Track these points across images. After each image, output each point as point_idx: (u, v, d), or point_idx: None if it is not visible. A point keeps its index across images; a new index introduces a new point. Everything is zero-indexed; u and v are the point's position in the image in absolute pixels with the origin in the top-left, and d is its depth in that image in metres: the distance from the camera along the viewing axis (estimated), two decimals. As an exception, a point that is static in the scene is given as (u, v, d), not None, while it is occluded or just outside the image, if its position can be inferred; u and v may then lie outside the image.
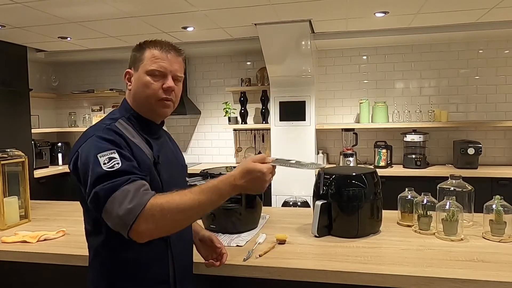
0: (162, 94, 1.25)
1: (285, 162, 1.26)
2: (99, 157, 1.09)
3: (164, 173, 1.25)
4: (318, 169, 1.39)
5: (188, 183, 1.49)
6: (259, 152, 4.72)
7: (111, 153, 1.10)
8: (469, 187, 1.89)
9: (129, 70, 1.30)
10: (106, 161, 1.08)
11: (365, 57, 4.45)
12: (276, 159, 1.24)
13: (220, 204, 1.14)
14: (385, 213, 1.85)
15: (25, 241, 1.75)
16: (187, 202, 1.08)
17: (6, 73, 4.16)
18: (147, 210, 1.04)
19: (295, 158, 1.32)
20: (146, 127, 1.30)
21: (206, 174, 1.84)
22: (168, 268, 1.25)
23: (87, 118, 5.16)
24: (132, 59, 1.29)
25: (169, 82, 1.25)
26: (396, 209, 1.97)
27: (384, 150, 4.07)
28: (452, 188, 1.88)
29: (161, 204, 1.06)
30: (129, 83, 1.29)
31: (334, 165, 4.31)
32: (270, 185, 1.20)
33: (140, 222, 1.03)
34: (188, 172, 1.56)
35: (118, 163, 1.09)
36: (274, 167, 1.20)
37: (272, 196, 4.19)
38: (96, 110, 5.23)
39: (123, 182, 1.06)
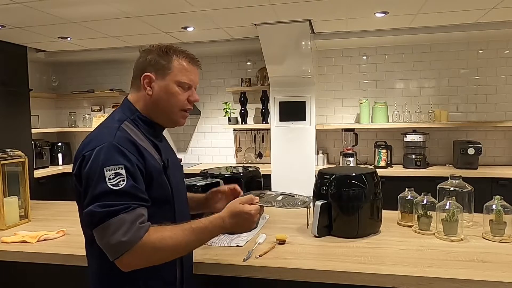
0: (186, 105, 1.29)
1: (273, 201, 1.31)
2: (105, 171, 1.08)
3: (173, 177, 1.27)
4: (305, 207, 1.42)
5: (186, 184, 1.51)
6: (259, 153, 4.73)
7: (118, 168, 1.09)
8: (469, 187, 1.89)
9: (150, 74, 1.25)
10: (111, 176, 1.08)
11: (365, 57, 4.45)
12: (263, 195, 1.30)
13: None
14: (385, 213, 1.85)
15: (25, 241, 1.75)
16: (178, 242, 1.12)
17: (6, 73, 4.16)
18: (138, 247, 1.06)
19: (285, 192, 1.41)
20: (152, 131, 1.30)
21: (206, 174, 1.84)
22: (176, 269, 1.26)
23: (87, 118, 5.16)
24: (153, 63, 1.26)
25: (196, 95, 1.30)
26: (396, 209, 1.97)
27: (384, 150, 4.07)
28: (452, 188, 1.89)
29: (153, 242, 1.08)
30: (148, 88, 1.26)
31: (334, 165, 4.31)
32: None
33: (129, 256, 1.06)
34: (188, 172, 1.57)
35: (123, 181, 1.08)
36: (262, 207, 1.26)
37: (272, 196, 4.18)
38: (96, 110, 5.23)
39: (122, 209, 1.06)
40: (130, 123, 1.24)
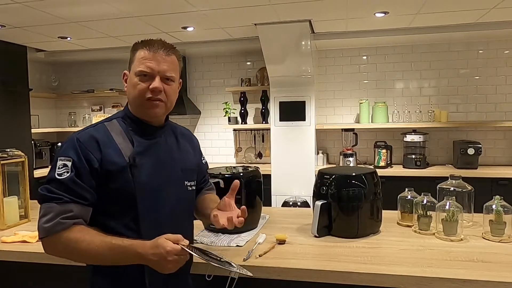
0: (148, 94, 1.25)
1: (202, 252, 1.20)
2: (58, 160, 1.19)
3: (144, 176, 1.23)
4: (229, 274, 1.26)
5: (190, 186, 1.40)
6: (259, 153, 4.73)
7: (67, 160, 1.18)
8: (469, 187, 1.89)
9: (125, 71, 1.32)
10: (60, 166, 1.18)
11: (365, 57, 4.45)
12: (195, 248, 1.18)
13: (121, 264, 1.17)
14: (385, 213, 1.85)
15: (25, 241, 1.75)
16: (90, 251, 1.13)
17: (6, 73, 4.16)
18: (53, 239, 1.14)
19: (219, 255, 1.27)
20: (139, 129, 1.29)
21: (206, 174, 1.84)
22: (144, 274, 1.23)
23: (87, 118, 5.16)
24: (129, 61, 1.31)
25: (155, 83, 1.24)
26: (396, 209, 1.97)
27: (384, 150, 4.07)
28: (452, 188, 1.89)
29: (67, 241, 1.14)
30: (125, 84, 1.31)
31: (334, 165, 4.31)
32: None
33: (45, 243, 1.17)
34: None
35: (67, 173, 1.17)
36: (185, 251, 1.13)
37: (272, 196, 4.19)
38: (96, 110, 5.23)
39: (54, 199, 1.15)
40: (119, 121, 1.30)
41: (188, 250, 1.13)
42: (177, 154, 1.38)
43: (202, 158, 1.58)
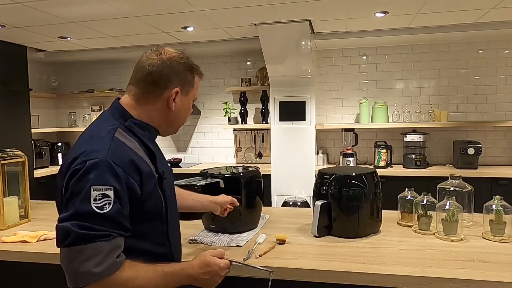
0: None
1: (241, 263, 1.30)
2: (92, 190, 0.99)
3: (167, 187, 1.20)
4: (269, 275, 1.26)
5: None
6: (259, 152, 4.73)
7: (107, 189, 1.00)
8: (469, 187, 1.89)
9: (178, 89, 1.19)
10: (98, 197, 0.99)
11: (365, 57, 4.45)
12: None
13: None
14: (385, 213, 1.85)
15: (25, 241, 1.75)
16: (147, 284, 1.05)
17: (6, 73, 4.16)
18: (107, 282, 0.99)
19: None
20: (147, 133, 1.21)
21: (206, 174, 1.84)
22: None
23: (87, 118, 5.16)
24: (181, 76, 1.20)
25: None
26: (396, 209, 1.97)
27: (384, 150, 4.07)
28: (452, 188, 1.89)
29: (125, 280, 1.02)
30: (174, 104, 1.20)
31: (334, 165, 4.31)
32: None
33: (93, 287, 1.00)
34: (188, 172, 1.54)
35: (109, 204, 1.00)
36: (231, 262, 1.23)
37: (272, 196, 4.19)
38: (96, 110, 5.22)
39: (101, 237, 0.98)
40: (123, 130, 1.14)
41: (235, 262, 1.23)
42: (165, 159, 1.38)
43: None
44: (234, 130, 4.84)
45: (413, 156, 4.01)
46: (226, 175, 1.82)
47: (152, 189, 1.12)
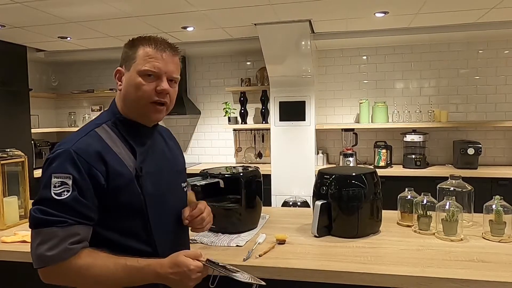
0: (154, 97, 1.15)
1: (219, 266, 1.16)
2: (53, 177, 1.05)
3: (149, 185, 1.16)
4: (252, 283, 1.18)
5: (185, 187, 1.37)
6: (259, 152, 4.73)
7: (66, 178, 1.04)
8: (469, 187, 1.89)
9: (120, 68, 1.20)
10: (57, 184, 1.04)
11: (365, 57, 4.45)
12: (211, 261, 1.15)
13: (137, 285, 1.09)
14: (385, 213, 1.85)
15: (25, 241, 1.74)
16: (104, 275, 1.04)
17: (6, 73, 4.16)
18: (61, 267, 1.02)
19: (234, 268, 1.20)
20: (134, 132, 1.20)
21: (206, 174, 1.84)
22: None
23: (87, 118, 5.16)
24: (123, 56, 1.20)
25: (164, 84, 1.15)
26: (396, 209, 1.97)
27: (384, 150, 4.07)
28: (452, 188, 1.89)
29: (79, 267, 1.03)
30: (119, 83, 1.20)
31: (334, 165, 4.31)
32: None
33: (48, 271, 1.03)
34: (188, 172, 1.52)
35: (67, 191, 1.03)
36: (206, 266, 1.12)
37: (272, 196, 4.19)
38: (96, 110, 5.22)
39: (56, 222, 1.01)
40: (109, 126, 1.17)
41: (210, 266, 1.11)
42: (169, 156, 1.32)
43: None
44: (234, 130, 4.84)
45: (413, 156, 4.01)
46: (226, 175, 1.82)
47: (126, 184, 1.11)
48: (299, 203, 3.78)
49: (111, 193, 1.09)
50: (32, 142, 4.44)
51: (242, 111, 4.61)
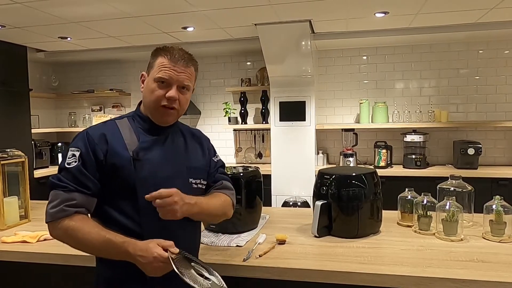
0: (163, 102, 1.30)
1: (186, 267, 1.15)
2: (69, 150, 1.27)
3: (146, 170, 1.28)
4: None
5: (196, 183, 1.41)
6: (259, 153, 4.72)
7: (76, 151, 1.25)
8: (469, 187, 1.89)
9: (143, 73, 1.39)
10: (70, 156, 1.26)
11: (365, 57, 4.45)
12: (184, 254, 1.19)
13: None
14: (385, 213, 1.85)
15: (25, 241, 1.75)
16: (86, 241, 1.18)
17: (6, 73, 4.16)
18: (55, 225, 1.21)
19: (207, 268, 1.23)
20: (147, 127, 1.36)
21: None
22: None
23: (87, 118, 5.16)
24: (148, 64, 1.36)
25: (172, 92, 1.30)
26: (396, 209, 1.97)
27: (384, 150, 4.07)
28: (452, 188, 1.89)
29: (66, 228, 1.19)
30: (142, 85, 1.38)
31: (334, 165, 4.31)
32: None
33: (50, 227, 1.23)
34: None
35: (74, 162, 1.24)
36: (171, 260, 1.13)
37: (272, 196, 4.19)
38: (96, 110, 5.23)
39: (61, 187, 1.22)
40: (129, 119, 1.38)
41: (171, 261, 1.12)
42: (184, 153, 1.41)
43: (215, 158, 1.54)
44: (234, 130, 4.85)
45: (413, 156, 4.01)
46: (226, 175, 1.82)
47: (122, 164, 1.26)
48: (299, 203, 3.78)
49: (109, 169, 1.25)
50: (32, 142, 4.44)
51: (242, 111, 4.61)
